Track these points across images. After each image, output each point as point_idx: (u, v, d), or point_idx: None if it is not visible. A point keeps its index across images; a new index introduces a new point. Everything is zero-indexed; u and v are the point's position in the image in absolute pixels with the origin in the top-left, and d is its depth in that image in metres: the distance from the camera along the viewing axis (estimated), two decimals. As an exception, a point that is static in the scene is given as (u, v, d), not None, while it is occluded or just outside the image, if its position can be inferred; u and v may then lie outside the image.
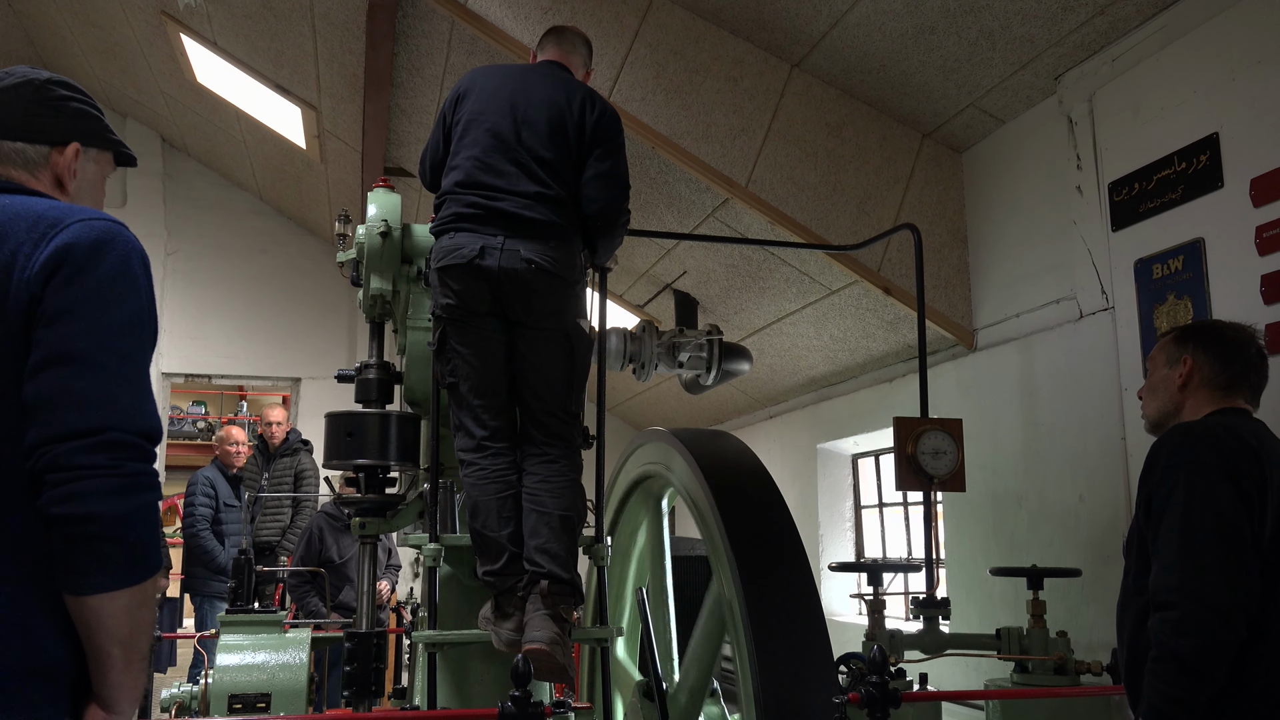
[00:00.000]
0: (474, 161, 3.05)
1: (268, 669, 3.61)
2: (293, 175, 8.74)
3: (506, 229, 2.98)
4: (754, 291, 5.88)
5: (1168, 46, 3.60)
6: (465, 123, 3.12)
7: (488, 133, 3.07)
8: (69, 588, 1.45)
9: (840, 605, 6.27)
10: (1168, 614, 2.23)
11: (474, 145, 3.07)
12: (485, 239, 2.96)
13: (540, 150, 3.05)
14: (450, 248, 3.00)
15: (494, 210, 2.99)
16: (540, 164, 3.05)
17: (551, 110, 3.09)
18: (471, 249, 2.96)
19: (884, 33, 4.22)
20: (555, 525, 2.96)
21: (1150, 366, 2.72)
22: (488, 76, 3.21)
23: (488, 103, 3.12)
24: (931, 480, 3.89)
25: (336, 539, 6.11)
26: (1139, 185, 3.74)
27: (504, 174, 3.03)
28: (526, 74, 3.23)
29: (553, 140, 3.07)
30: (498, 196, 3.00)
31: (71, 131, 1.74)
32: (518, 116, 3.07)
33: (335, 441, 3.29)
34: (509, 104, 3.10)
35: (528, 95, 3.12)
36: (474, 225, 2.99)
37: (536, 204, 3.01)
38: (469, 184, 3.03)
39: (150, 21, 7.10)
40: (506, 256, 2.95)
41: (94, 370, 1.47)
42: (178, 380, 9.80)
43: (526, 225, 2.99)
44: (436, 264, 3.02)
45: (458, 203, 3.04)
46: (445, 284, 3.01)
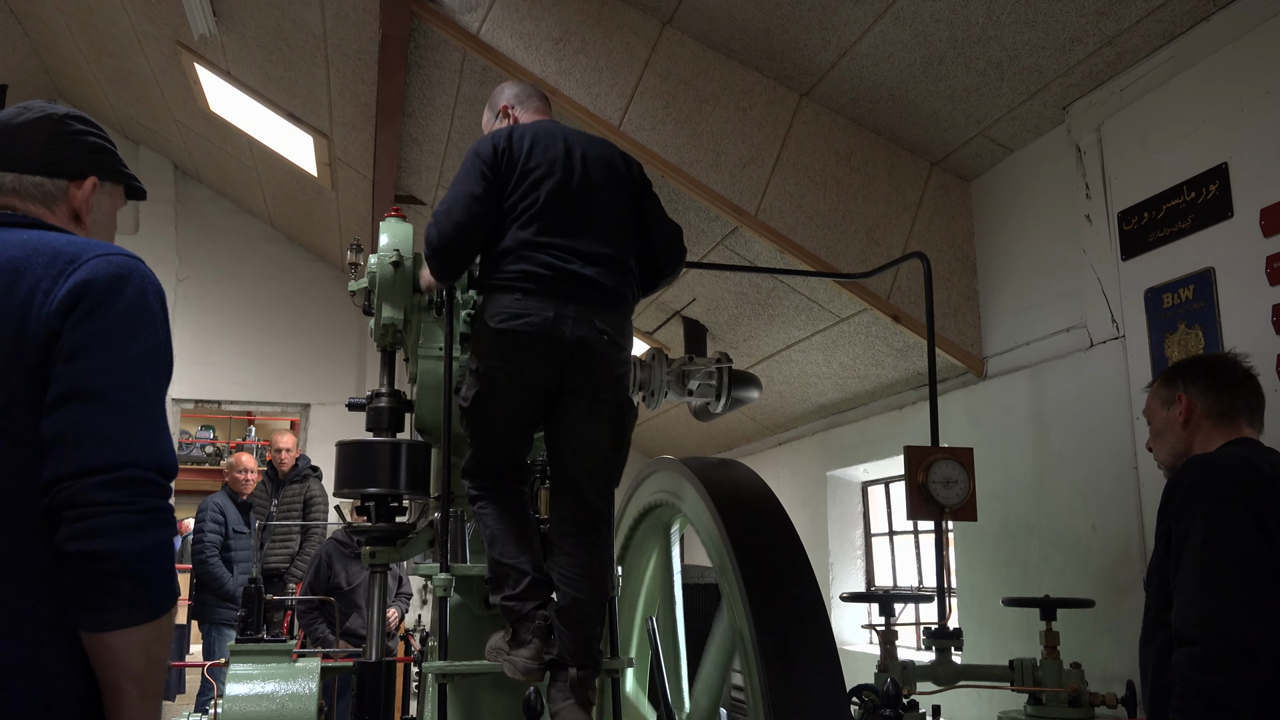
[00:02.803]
0: (544, 220, 2.88)
1: (277, 699, 3.59)
2: (304, 202, 8.80)
3: (581, 297, 2.82)
4: (763, 319, 5.89)
5: (1176, 77, 3.61)
6: (526, 180, 2.93)
7: (555, 190, 2.91)
8: (85, 624, 1.45)
9: (852, 635, 6.22)
10: (1192, 649, 2.20)
11: (542, 203, 2.89)
12: (558, 306, 2.79)
13: (607, 209, 2.95)
14: (518, 311, 2.80)
15: (568, 274, 2.83)
16: (608, 224, 2.94)
17: (608, 168, 3.01)
18: (544, 317, 2.78)
19: (892, 63, 4.24)
20: (592, 612, 2.90)
21: (1149, 417, 2.75)
22: (533, 132, 3.03)
23: (546, 160, 2.95)
24: (943, 509, 3.88)
25: (345, 566, 6.10)
26: (1148, 214, 3.74)
27: (576, 234, 2.88)
28: (564, 130, 3.09)
29: (616, 198, 2.98)
30: (571, 259, 2.84)
31: (89, 165, 1.76)
32: (579, 174, 2.95)
33: (346, 470, 3.29)
34: (567, 161, 2.96)
35: (581, 152, 3.00)
36: (545, 287, 2.81)
37: (608, 270, 2.88)
38: (541, 243, 2.85)
39: (165, 51, 7.18)
40: (581, 326, 2.80)
41: (111, 406, 1.48)
42: (187, 406, 9.83)
43: (601, 293, 2.85)
44: (496, 324, 2.81)
45: (529, 260, 2.84)
46: (501, 348, 2.81)
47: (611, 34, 4.65)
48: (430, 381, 3.34)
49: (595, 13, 4.66)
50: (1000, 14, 3.77)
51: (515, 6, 4.66)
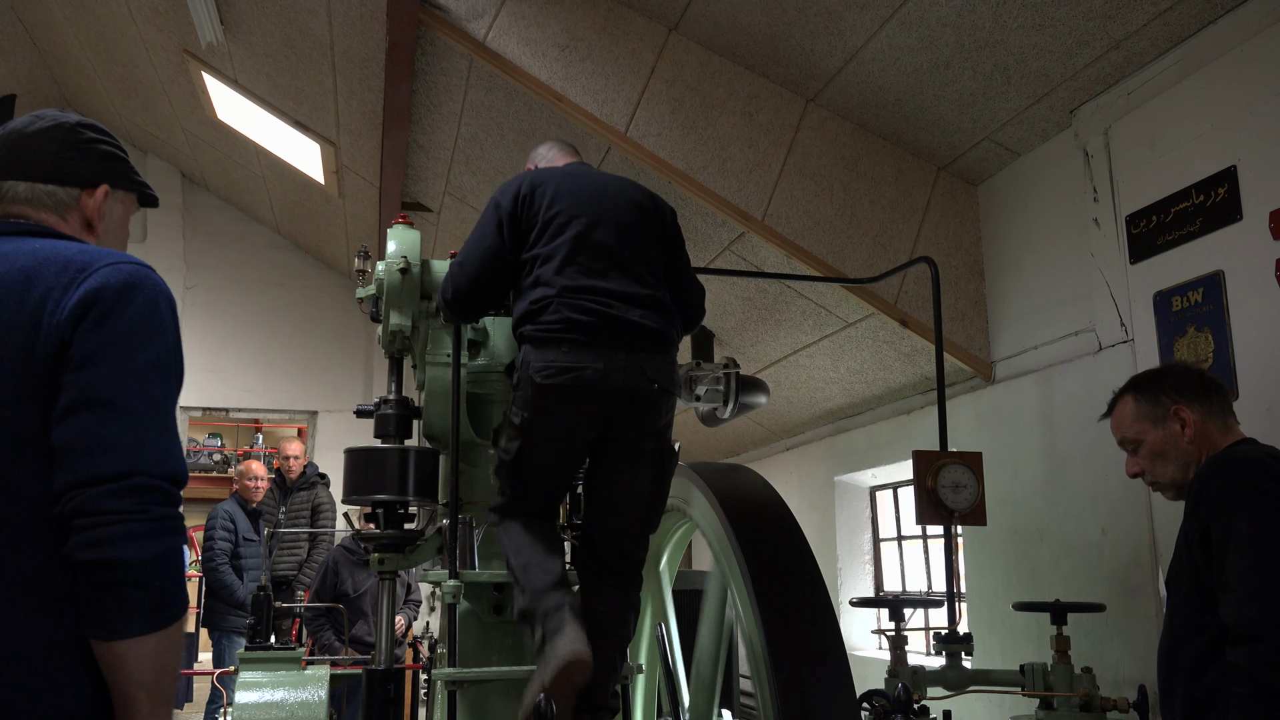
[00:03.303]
0: (577, 264, 2.80)
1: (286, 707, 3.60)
2: (311, 210, 8.83)
3: (629, 344, 2.74)
4: (771, 324, 5.89)
5: (1184, 80, 3.61)
6: (552, 224, 2.85)
7: (585, 234, 2.83)
8: (96, 632, 1.45)
9: (861, 640, 6.21)
10: (1257, 648, 2.10)
11: (571, 246, 2.82)
12: (608, 356, 2.71)
13: (639, 250, 2.89)
14: (564, 365, 2.70)
15: (613, 319, 2.75)
16: (643, 264, 2.88)
17: (638, 211, 2.95)
18: (594, 369, 2.69)
19: (899, 68, 4.24)
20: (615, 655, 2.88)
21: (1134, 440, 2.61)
22: (557, 176, 2.98)
23: (571, 202, 2.88)
24: (952, 514, 3.86)
25: (352, 573, 6.11)
26: (1157, 218, 3.73)
27: (612, 276, 2.80)
28: (589, 172, 3.06)
29: (648, 239, 2.93)
30: (613, 304, 2.76)
31: (101, 173, 1.77)
32: (609, 216, 2.88)
33: (354, 477, 3.30)
34: (595, 203, 2.89)
35: (609, 194, 2.94)
36: (592, 336, 2.72)
37: (651, 311, 2.82)
38: (579, 288, 2.76)
39: (172, 60, 7.21)
40: (631, 375, 2.72)
41: (121, 414, 1.48)
42: (195, 414, 9.85)
43: (648, 339, 2.78)
44: (543, 379, 2.70)
45: (569, 308, 2.73)
46: (549, 403, 2.71)
47: (618, 40, 4.66)
48: (438, 388, 3.34)
49: (601, 19, 4.67)
50: (1007, 18, 3.77)
51: (522, 13, 4.67)
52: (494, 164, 6.02)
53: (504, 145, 5.75)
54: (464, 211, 6.86)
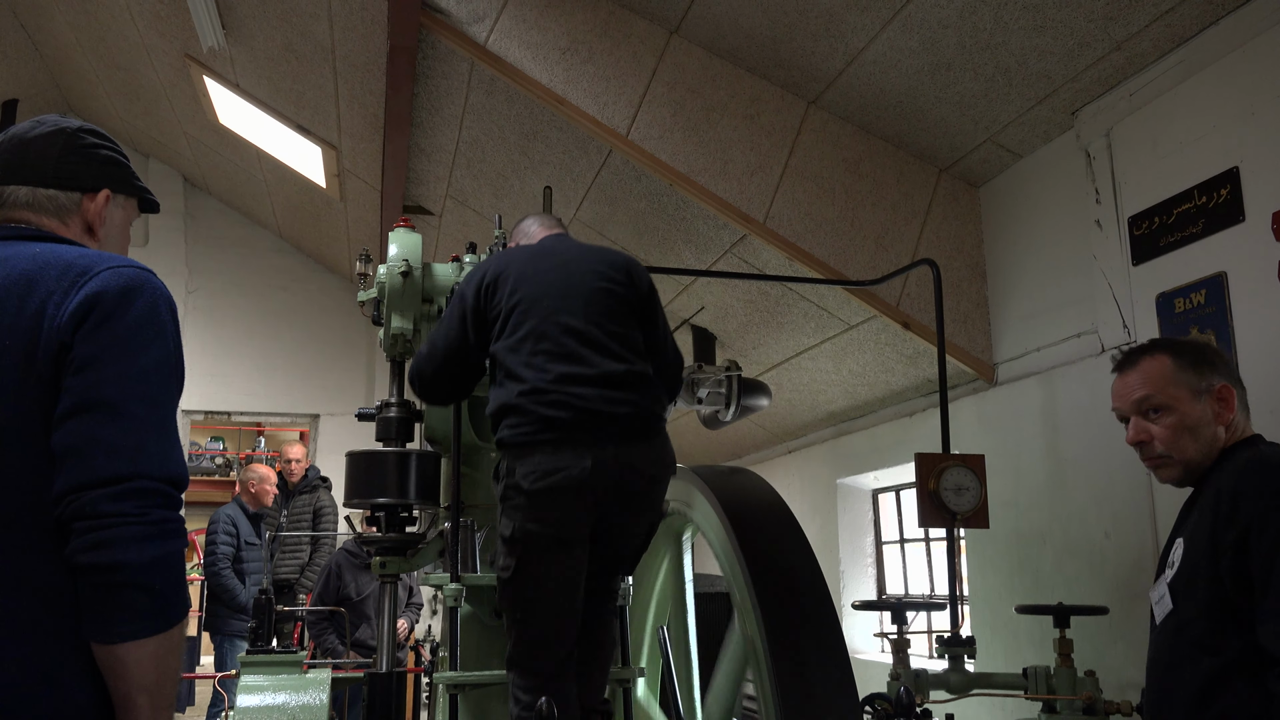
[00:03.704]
0: (546, 354, 2.68)
1: (288, 710, 3.59)
2: (312, 214, 8.83)
3: (612, 436, 2.63)
4: (772, 327, 5.88)
5: (1185, 81, 3.60)
6: (515, 311, 2.76)
7: (550, 318, 2.73)
8: (96, 635, 1.45)
9: (863, 643, 6.20)
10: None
11: (539, 334, 2.71)
12: (595, 452, 2.60)
13: (612, 322, 2.78)
14: (548, 468, 2.58)
15: (594, 414, 2.63)
16: (618, 338, 2.77)
17: (607, 284, 2.84)
18: (581, 469, 2.58)
19: (900, 70, 4.24)
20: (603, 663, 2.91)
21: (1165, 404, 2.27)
22: (517, 259, 2.89)
23: (535, 286, 2.78)
24: (954, 516, 3.86)
25: (355, 576, 6.11)
26: (1159, 219, 3.73)
27: (586, 359, 2.69)
28: (559, 248, 2.95)
29: (620, 314, 2.82)
30: (589, 395, 2.63)
31: (102, 178, 1.77)
32: (576, 295, 2.77)
33: (356, 480, 3.30)
34: (560, 283, 2.79)
35: (576, 270, 2.84)
36: (573, 434, 2.61)
37: (633, 392, 2.70)
38: (553, 379, 2.65)
39: (174, 64, 7.22)
40: (621, 470, 2.62)
41: (121, 417, 1.48)
42: (197, 417, 9.86)
43: (634, 426, 2.68)
44: (531, 484, 2.59)
45: (542, 404, 2.62)
46: (540, 509, 2.61)
47: (619, 43, 4.66)
48: (440, 391, 3.34)
49: (602, 22, 4.67)
50: (1008, 20, 3.77)
51: (523, 17, 4.67)
52: (495, 167, 6.03)
53: (505, 148, 5.75)
54: (465, 215, 6.86)
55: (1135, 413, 2.35)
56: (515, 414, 2.65)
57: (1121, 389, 2.40)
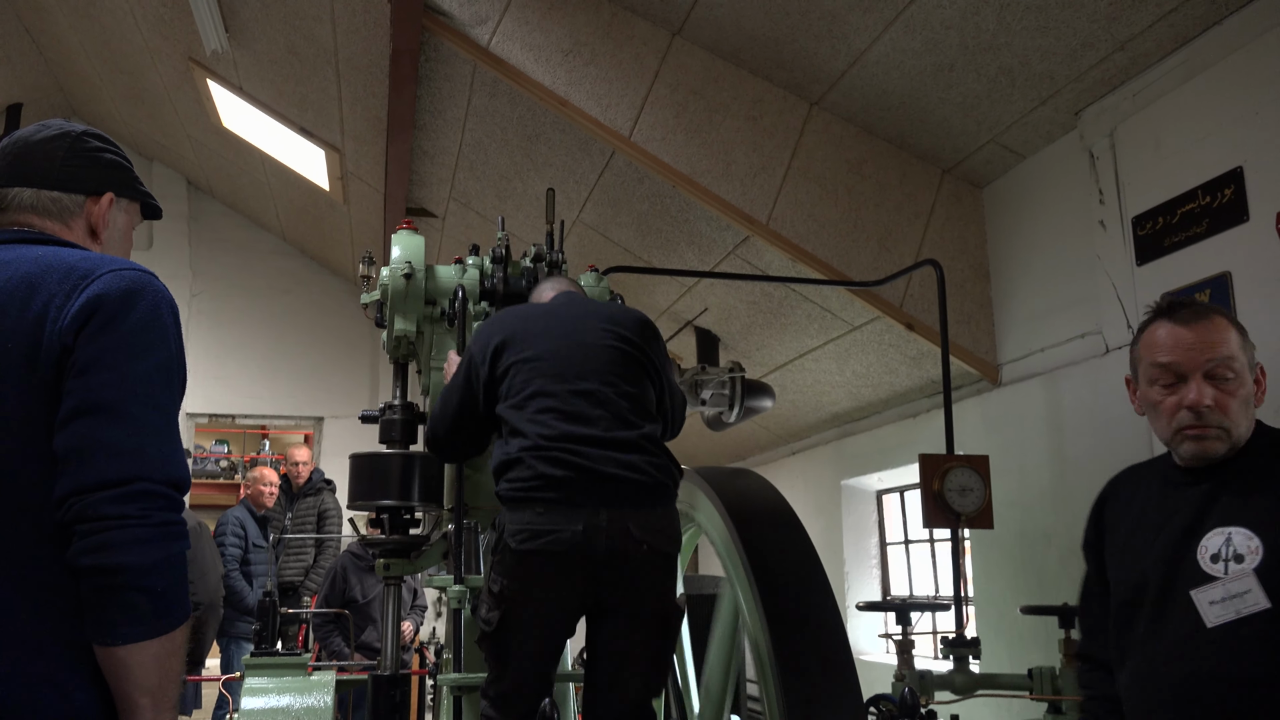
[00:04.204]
0: (554, 413, 2.59)
1: (292, 712, 3.59)
2: (316, 216, 8.84)
3: (610, 499, 2.50)
4: (776, 328, 5.88)
5: (1189, 81, 3.60)
6: (521, 372, 2.68)
7: (555, 377, 2.64)
8: (98, 638, 1.45)
9: (868, 644, 6.19)
10: None
11: (542, 395, 2.62)
12: (588, 516, 2.47)
13: (623, 383, 2.68)
14: (540, 529, 2.47)
15: (592, 474, 2.51)
16: (628, 399, 2.67)
17: (619, 342, 2.75)
18: (571, 532, 2.46)
19: (903, 71, 4.24)
20: None
21: (1237, 372, 2.00)
22: (526, 319, 2.82)
23: (540, 344, 2.71)
24: (959, 517, 3.86)
25: (360, 579, 6.11)
26: (1163, 219, 3.72)
27: (594, 421, 2.58)
28: (570, 305, 2.88)
29: (632, 373, 2.72)
30: (589, 453, 2.52)
31: (106, 182, 1.77)
32: (587, 354, 2.69)
33: (360, 482, 3.30)
34: (571, 342, 2.71)
35: (587, 328, 2.76)
36: (568, 494, 2.50)
37: (640, 456, 2.57)
38: (555, 437, 2.54)
39: (178, 68, 7.23)
40: (615, 537, 2.47)
41: (123, 420, 1.48)
42: (202, 420, 9.87)
43: (637, 492, 2.54)
44: (517, 544, 2.49)
45: (541, 460, 2.52)
46: (525, 572, 2.50)
47: (621, 45, 4.66)
48: (443, 393, 3.34)
49: (605, 24, 4.67)
50: (1011, 20, 3.76)
51: (525, 19, 4.68)
52: (498, 169, 6.03)
53: (508, 150, 5.76)
54: (468, 217, 6.87)
55: (1199, 372, 2.00)
56: (514, 468, 2.57)
57: (1186, 342, 2.02)
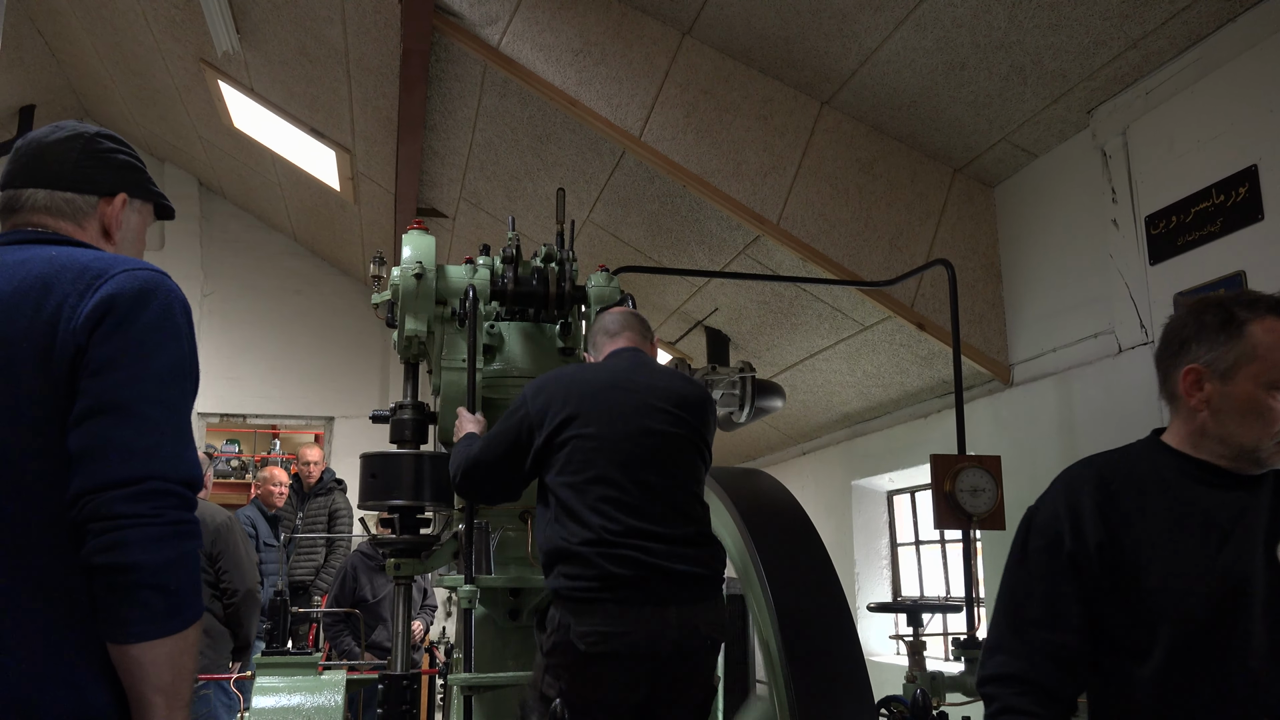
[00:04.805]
0: (614, 503, 2.51)
1: (303, 711, 3.60)
2: (326, 217, 8.86)
3: (679, 597, 2.46)
4: (786, 328, 5.87)
5: (1202, 79, 3.58)
6: (582, 450, 2.58)
7: (618, 465, 2.55)
8: (112, 636, 1.46)
9: (879, 645, 6.17)
10: None
11: (604, 481, 2.54)
12: (658, 614, 2.43)
13: (683, 472, 2.62)
14: (612, 630, 2.41)
15: (659, 571, 2.46)
16: (686, 491, 2.60)
17: (678, 425, 2.65)
18: (644, 632, 2.41)
19: (914, 69, 4.22)
20: None
21: None
22: (593, 395, 2.67)
23: (604, 423, 2.60)
24: (970, 518, 3.84)
25: (370, 578, 6.12)
26: (1177, 218, 3.70)
27: (653, 514, 2.51)
28: (630, 374, 2.74)
29: (689, 459, 2.65)
30: (656, 550, 2.47)
31: (119, 182, 1.78)
32: (649, 439, 2.59)
33: (370, 482, 3.30)
34: (630, 426, 2.60)
35: (649, 407, 2.65)
36: (637, 594, 2.44)
37: (699, 550, 2.54)
38: (617, 532, 2.47)
39: (189, 69, 7.26)
40: (684, 634, 2.45)
41: (136, 419, 1.49)
42: (213, 420, 9.91)
43: (699, 587, 2.50)
44: (588, 646, 2.43)
45: (605, 558, 2.45)
46: (594, 674, 2.44)
47: (631, 45, 4.66)
48: (454, 393, 3.35)
49: (615, 24, 4.67)
50: (1023, 18, 3.75)
51: (535, 19, 4.68)
52: (509, 169, 6.03)
53: (518, 150, 5.76)
54: (479, 217, 6.87)
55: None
56: (575, 563, 2.48)
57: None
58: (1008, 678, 1.81)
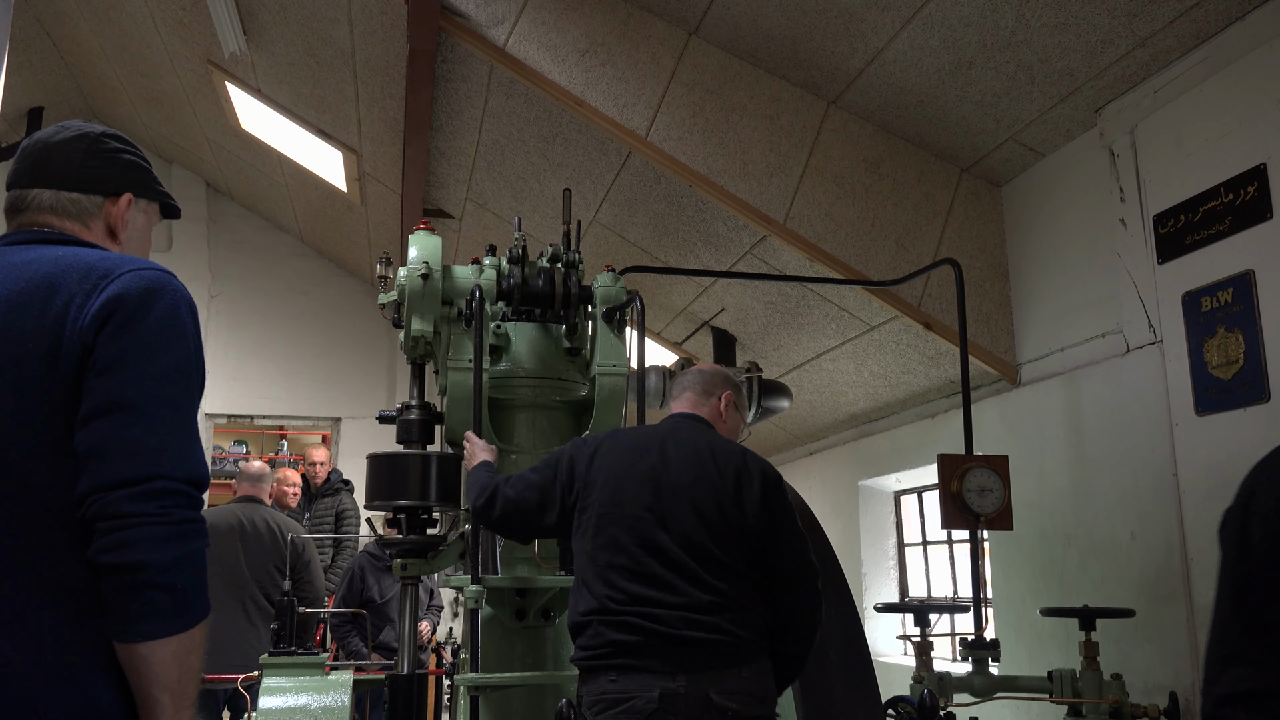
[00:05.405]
0: (627, 572, 2.47)
1: (310, 712, 3.60)
2: (333, 218, 8.88)
3: (687, 663, 2.37)
4: (793, 328, 5.86)
5: (1210, 78, 3.56)
6: (597, 515, 2.56)
7: (631, 531, 2.51)
8: (119, 635, 1.46)
9: (886, 646, 6.16)
10: None
11: (615, 548, 2.51)
12: (663, 683, 2.35)
13: (707, 545, 2.49)
14: (615, 697, 2.37)
15: (665, 638, 2.39)
16: (707, 562, 2.48)
17: (707, 490, 2.55)
18: (647, 700, 2.34)
19: (921, 69, 4.21)
20: None
21: None
22: (618, 452, 2.65)
23: (622, 489, 2.57)
24: (978, 518, 3.83)
25: (378, 579, 6.12)
26: (1185, 217, 3.69)
27: (661, 581, 2.45)
28: (665, 442, 2.66)
29: (716, 531, 2.51)
30: (661, 615, 2.40)
31: (125, 182, 1.78)
32: (667, 505, 2.52)
33: (377, 482, 3.30)
34: (653, 491, 2.55)
35: (676, 472, 2.58)
36: (640, 660, 2.38)
37: (716, 617, 2.42)
38: (624, 599, 2.44)
39: (196, 71, 7.27)
40: (692, 704, 2.33)
41: (142, 419, 1.49)
42: (220, 421, 9.93)
43: (710, 654, 2.39)
44: (595, 714, 2.40)
45: (608, 625, 2.43)
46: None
47: (638, 45, 4.66)
48: (460, 393, 3.35)
49: (621, 24, 4.67)
50: (1030, 17, 3.74)
51: (541, 19, 4.68)
52: (515, 169, 6.04)
53: (525, 151, 5.76)
54: (485, 218, 6.87)
55: None
56: (585, 634, 2.49)
57: None
58: (1253, 695, 1.45)
